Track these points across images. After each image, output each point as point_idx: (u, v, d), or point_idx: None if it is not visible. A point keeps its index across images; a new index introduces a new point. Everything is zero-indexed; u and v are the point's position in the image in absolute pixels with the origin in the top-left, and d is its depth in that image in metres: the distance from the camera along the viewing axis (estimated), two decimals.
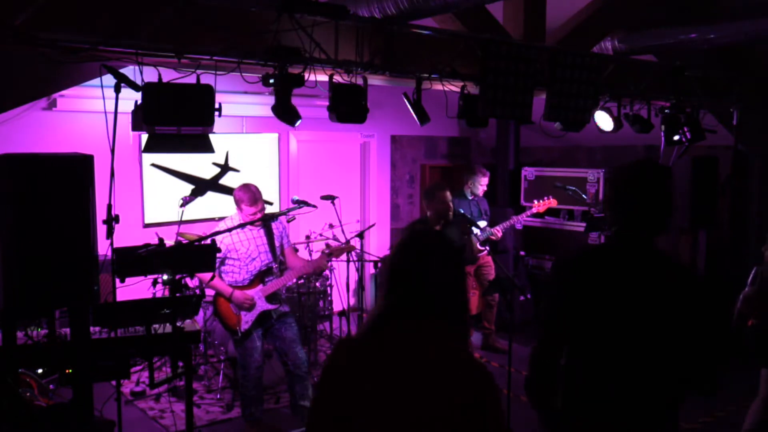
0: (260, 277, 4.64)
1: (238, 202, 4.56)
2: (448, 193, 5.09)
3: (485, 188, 6.71)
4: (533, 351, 2.19)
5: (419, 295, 1.69)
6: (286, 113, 3.89)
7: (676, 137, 5.79)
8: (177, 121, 3.55)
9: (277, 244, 4.75)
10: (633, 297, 2.05)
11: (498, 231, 6.38)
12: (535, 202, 6.68)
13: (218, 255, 4.25)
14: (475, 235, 6.02)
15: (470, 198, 6.62)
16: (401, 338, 1.67)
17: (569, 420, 2.14)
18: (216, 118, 3.64)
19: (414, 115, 4.51)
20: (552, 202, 6.66)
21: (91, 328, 3.60)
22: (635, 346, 2.04)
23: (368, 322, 1.75)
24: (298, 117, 3.95)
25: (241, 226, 4.52)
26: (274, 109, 3.90)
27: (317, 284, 6.12)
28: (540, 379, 2.15)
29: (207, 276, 4.45)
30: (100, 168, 3.13)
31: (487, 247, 5.96)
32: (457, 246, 1.82)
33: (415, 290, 1.69)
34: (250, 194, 4.52)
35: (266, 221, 4.69)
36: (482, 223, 6.43)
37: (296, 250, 6.37)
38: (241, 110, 6.73)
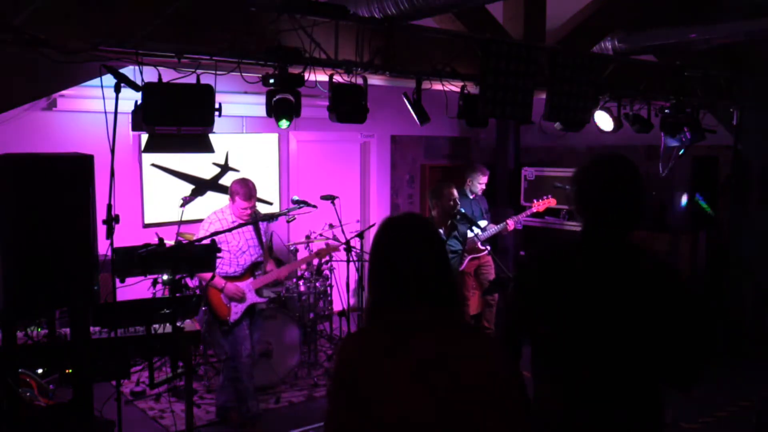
0: (251, 270, 4.71)
1: (233, 194, 4.58)
2: (455, 191, 5.07)
3: (484, 187, 6.70)
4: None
5: (403, 277, 1.70)
6: (282, 111, 3.86)
7: (676, 139, 5.80)
8: (177, 121, 3.55)
9: (264, 239, 4.81)
10: (604, 294, 2.03)
11: (511, 223, 6.34)
12: (535, 201, 6.68)
13: None
14: (476, 235, 6.02)
15: (471, 197, 6.61)
16: (401, 328, 1.69)
17: (546, 421, 2.12)
18: (216, 118, 3.64)
19: (414, 115, 4.51)
20: (551, 202, 6.66)
21: (91, 328, 3.60)
22: (608, 343, 2.02)
23: (367, 316, 1.78)
24: (291, 118, 3.92)
25: (239, 226, 4.53)
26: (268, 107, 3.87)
27: (317, 284, 6.12)
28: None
29: (208, 275, 4.47)
30: (100, 168, 3.13)
31: (488, 247, 5.95)
32: (431, 223, 1.83)
33: (398, 272, 1.71)
34: (246, 189, 4.56)
35: (266, 221, 4.72)
36: (483, 223, 6.42)
37: (296, 251, 6.41)
38: (241, 110, 6.73)
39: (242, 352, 4.62)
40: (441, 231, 4.99)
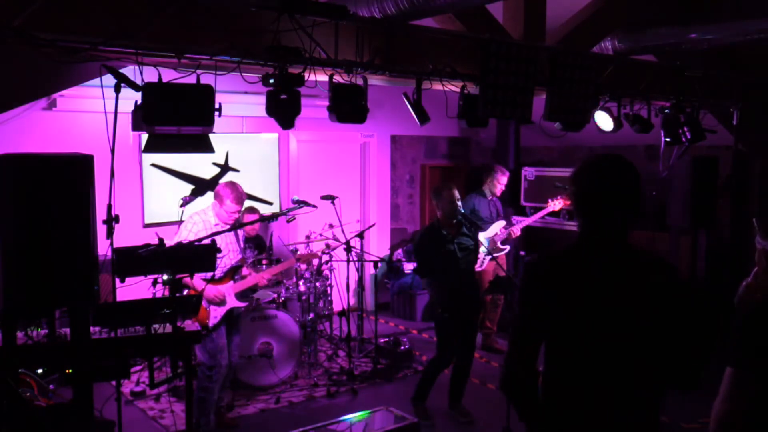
0: (230, 273, 4.62)
1: (221, 198, 4.43)
2: (455, 192, 5.04)
3: (503, 187, 6.63)
4: (508, 356, 2.12)
5: None
6: (284, 111, 3.87)
7: (676, 139, 5.80)
8: (177, 121, 3.55)
9: (242, 245, 4.76)
10: (611, 295, 2.03)
11: (516, 230, 6.48)
12: (549, 201, 6.72)
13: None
14: (496, 234, 6.17)
15: (489, 198, 6.58)
16: None
17: (552, 420, 2.12)
18: (216, 118, 3.64)
19: (414, 115, 4.51)
20: (565, 202, 6.68)
21: (91, 328, 3.60)
22: (616, 344, 2.02)
23: None
24: (292, 121, 3.92)
25: (230, 229, 4.47)
26: (268, 108, 3.87)
27: (317, 284, 6.12)
28: (519, 381, 2.11)
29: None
30: (100, 168, 3.13)
31: (508, 246, 6.00)
32: None
33: None
34: (237, 193, 4.44)
35: (267, 221, 4.70)
36: (500, 223, 6.46)
37: (296, 251, 6.40)
38: (241, 110, 6.73)
39: (222, 361, 4.49)
40: (445, 232, 4.98)
